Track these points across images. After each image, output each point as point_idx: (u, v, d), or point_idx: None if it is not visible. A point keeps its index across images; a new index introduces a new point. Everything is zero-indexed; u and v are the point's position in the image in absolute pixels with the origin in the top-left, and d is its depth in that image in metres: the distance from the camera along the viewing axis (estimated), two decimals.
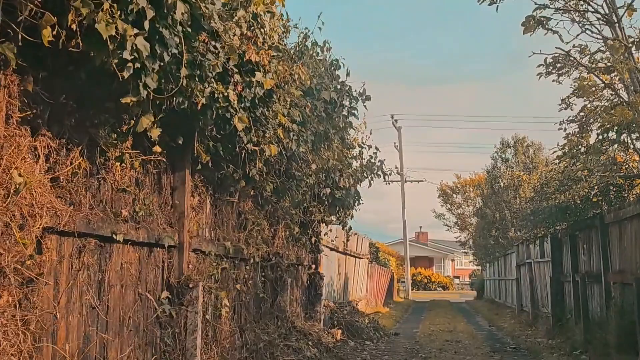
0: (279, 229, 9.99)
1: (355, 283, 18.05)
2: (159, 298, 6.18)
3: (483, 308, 29.23)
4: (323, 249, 13.67)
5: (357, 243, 17.80)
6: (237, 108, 5.54)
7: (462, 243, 42.13)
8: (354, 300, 17.20)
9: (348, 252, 16.21)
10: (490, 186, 27.76)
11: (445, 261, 75.37)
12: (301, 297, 12.36)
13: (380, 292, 26.24)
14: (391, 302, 31.04)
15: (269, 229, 9.78)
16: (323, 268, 13.80)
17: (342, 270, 15.81)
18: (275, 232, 10.00)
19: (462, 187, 42.04)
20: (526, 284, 20.31)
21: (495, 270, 31.71)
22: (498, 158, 27.68)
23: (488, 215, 26.98)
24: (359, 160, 11.70)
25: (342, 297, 15.95)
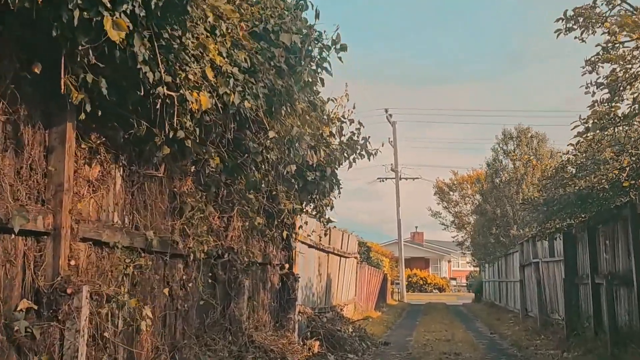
0: (234, 218, 7.92)
1: (341, 285, 15.99)
2: (12, 310, 4.11)
3: (482, 312, 27.19)
4: (298, 245, 11.62)
5: (343, 240, 15.76)
6: (109, 5, 3.46)
7: (459, 243, 40.09)
8: (339, 304, 15.15)
9: (331, 250, 14.15)
10: (490, 180, 25.73)
11: (441, 262, 73.36)
12: (270, 303, 10.30)
13: (371, 295, 24.19)
14: (384, 306, 28.98)
15: (220, 218, 7.72)
16: (299, 268, 11.74)
17: (323, 271, 13.75)
18: (229, 222, 7.93)
19: (459, 184, 40.05)
20: (532, 287, 18.28)
21: (495, 272, 29.68)
22: (499, 150, 25.69)
23: (488, 212, 24.96)
24: (338, 137, 9.63)
25: (324, 301, 13.89)
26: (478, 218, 27.50)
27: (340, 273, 15.77)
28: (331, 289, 14.62)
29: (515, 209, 24.00)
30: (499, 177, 25.53)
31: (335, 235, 14.78)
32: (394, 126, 46.26)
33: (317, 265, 13.23)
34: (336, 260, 15.15)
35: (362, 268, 21.89)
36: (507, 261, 25.45)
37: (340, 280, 15.88)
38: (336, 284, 15.29)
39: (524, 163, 24.59)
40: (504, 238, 24.60)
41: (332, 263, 14.72)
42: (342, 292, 16.18)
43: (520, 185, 24.07)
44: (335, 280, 15.18)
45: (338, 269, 15.39)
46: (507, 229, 24.36)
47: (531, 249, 17.88)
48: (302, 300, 12.10)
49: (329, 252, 14.10)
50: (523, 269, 20.35)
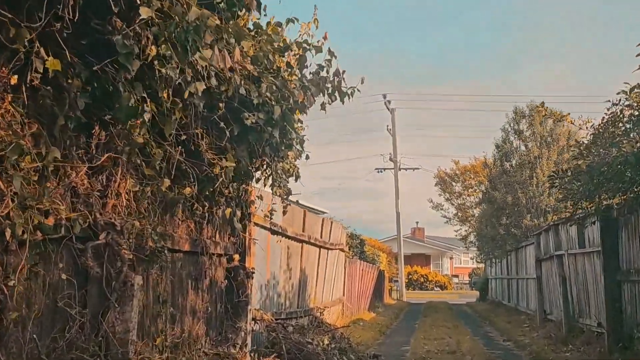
0: (116, 177, 4.97)
1: (321, 283, 13.03)
2: None
3: (489, 313, 24.23)
4: (255, 230, 8.68)
5: (325, 228, 12.80)
6: None
7: (462, 237, 37.12)
8: (318, 307, 12.20)
9: (306, 239, 11.19)
10: (499, 164, 22.74)
11: (443, 259, 70.53)
12: (207, 308, 7.35)
13: (364, 294, 21.24)
14: (380, 306, 26.02)
15: (91, 176, 4.78)
16: (255, 260, 8.78)
17: (295, 265, 10.79)
18: (109, 183, 4.98)
19: (461, 173, 37.07)
20: (553, 285, 15.32)
21: (503, 267, 26.70)
22: (510, 130, 22.72)
23: (497, 200, 21.97)
24: (298, 69, 6.65)
25: (296, 303, 10.92)
26: (485, 207, 24.49)
27: (321, 268, 12.81)
28: (307, 288, 11.66)
29: (529, 196, 21.01)
30: (509, 161, 22.54)
31: (312, 221, 11.82)
32: (392, 113, 43.34)
33: (286, 258, 10.27)
34: (314, 252, 12.19)
35: (353, 263, 18.94)
36: (518, 256, 22.49)
37: (321, 277, 12.93)
38: (314, 281, 12.33)
39: (538, 144, 21.60)
40: (515, 229, 21.61)
41: (309, 255, 11.76)
42: (323, 291, 13.22)
43: (534, 169, 21.09)
44: (313, 277, 12.22)
45: (317, 263, 12.44)
46: (518, 219, 21.38)
47: (552, 239, 14.90)
48: (261, 304, 9.15)
49: (303, 242, 11.14)
50: (540, 264, 17.38)
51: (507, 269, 25.64)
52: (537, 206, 20.98)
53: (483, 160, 35.94)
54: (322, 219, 12.61)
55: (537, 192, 20.86)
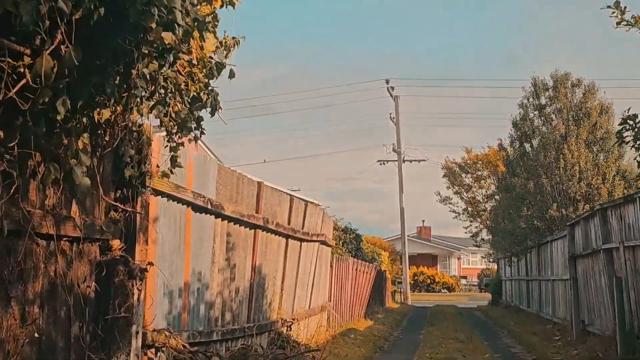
0: None
1: (291, 286, 9.65)
2: None
3: (507, 320, 20.80)
4: (156, 202, 5.39)
5: (295, 212, 9.42)
6: None
7: (473, 234, 33.66)
8: (284, 320, 8.84)
9: (261, 224, 7.81)
10: (518, 145, 19.30)
11: (450, 259, 67.09)
12: (33, 333, 4.06)
13: (358, 298, 17.86)
14: (379, 311, 22.63)
15: None
16: (158, 251, 5.49)
17: (241, 260, 7.42)
18: None
19: (472, 163, 33.63)
20: (597, 288, 11.92)
21: (521, 267, 23.27)
22: (529, 106, 19.28)
23: (516, 188, 18.55)
24: None
25: (244, 316, 7.55)
26: (502, 197, 21.02)
27: (291, 265, 9.45)
28: (265, 294, 8.30)
29: (555, 182, 17.58)
30: (529, 141, 19.10)
31: (273, 199, 8.46)
32: (396, 101, 39.99)
33: (223, 249, 6.91)
34: (277, 244, 8.80)
35: (344, 261, 15.57)
36: (541, 253, 19.08)
37: (290, 278, 9.56)
38: (279, 283, 8.96)
39: (564, 120, 18.17)
40: (538, 221, 18.19)
41: (268, 247, 8.38)
42: (295, 297, 9.85)
43: (560, 150, 17.67)
44: (276, 278, 8.85)
45: (284, 258, 9.08)
46: (543, 209, 17.96)
47: (597, 229, 11.50)
48: (171, 319, 5.81)
49: (257, 227, 7.77)
50: (575, 262, 13.98)
51: (527, 269, 22.21)
52: (564, 193, 17.55)
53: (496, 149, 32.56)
54: (290, 198, 9.25)
55: (564, 176, 17.43)
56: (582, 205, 17.23)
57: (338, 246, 18.89)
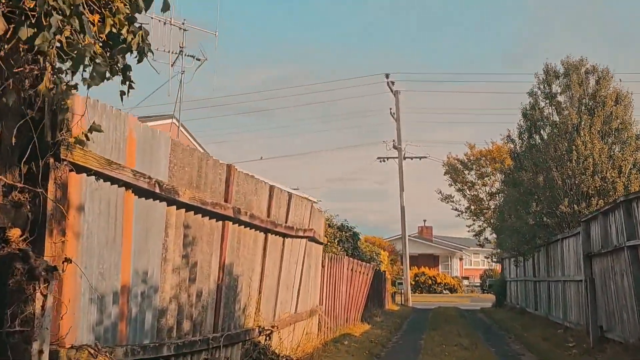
0: None
1: (273, 288, 8.39)
2: None
3: (513, 323, 19.53)
4: (84, 181, 4.12)
5: (276, 202, 8.15)
6: None
7: (476, 233, 32.43)
8: (262, 327, 7.60)
9: (232, 215, 6.54)
10: (527, 136, 18.03)
11: (452, 260, 65.85)
12: None
13: (355, 301, 16.60)
14: (378, 314, 21.38)
15: None
16: (84, 244, 4.23)
17: (205, 257, 6.18)
18: None
19: (475, 159, 32.37)
20: (617, 290, 10.66)
21: (528, 267, 22.02)
22: (540, 94, 18.03)
23: (525, 182, 17.28)
24: None
25: (209, 324, 6.31)
26: (509, 192, 19.75)
27: (271, 264, 8.19)
28: (238, 297, 7.04)
29: (567, 175, 16.32)
30: (539, 132, 17.84)
31: (247, 186, 7.20)
32: (396, 96, 38.68)
33: (180, 244, 5.67)
34: (254, 239, 7.54)
35: (337, 261, 14.31)
36: (550, 252, 17.83)
37: (272, 278, 8.30)
38: (256, 284, 7.71)
39: (577, 109, 16.90)
40: (548, 218, 16.92)
41: (242, 243, 7.12)
42: (277, 300, 8.60)
43: (573, 141, 16.41)
44: (253, 278, 7.60)
45: (263, 256, 7.83)
46: (552, 205, 16.69)
47: (618, 224, 10.25)
48: (104, 331, 4.56)
49: (225, 219, 6.52)
50: (590, 261, 12.73)
51: (534, 269, 20.95)
52: (577, 188, 16.29)
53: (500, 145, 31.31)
54: (270, 187, 7.99)
55: (577, 170, 16.17)
56: (595, 200, 15.97)
57: (333, 244, 17.65)
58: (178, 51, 14.87)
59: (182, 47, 14.84)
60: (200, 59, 15.34)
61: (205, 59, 15.37)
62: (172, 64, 14.77)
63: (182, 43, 14.83)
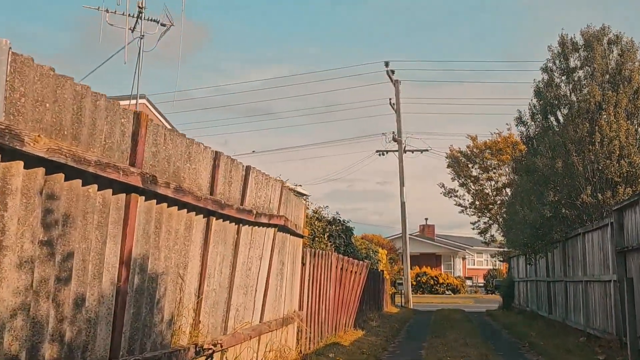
0: None
1: (223, 289, 6.29)
2: None
3: (524, 328, 17.40)
4: None
5: (227, 177, 6.04)
6: None
7: (481, 231, 30.33)
8: (200, 344, 5.53)
9: (148, 188, 4.46)
10: (542, 117, 15.91)
11: (455, 259, 63.81)
12: None
13: (346, 304, 14.47)
14: (374, 318, 19.28)
15: None
16: None
17: (99, 246, 4.14)
18: None
19: (479, 152, 30.25)
20: None
21: (540, 267, 19.89)
22: (555, 69, 15.90)
23: (539, 168, 15.17)
24: None
25: (111, 344, 4.26)
26: (521, 181, 17.60)
27: (217, 258, 6.08)
28: (160, 304, 4.96)
29: (589, 160, 14.20)
30: (554, 113, 15.72)
31: (175, 147, 5.10)
32: (396, 85, 36.56)
33: (34, 222, 3.60)
34: (187, 223, 5.43)
35: (323, 257, 12.18)
36: (568, 249, 15.71)
37: (220, 277, 6.20)
38: (195, 285, 5.61)
39: (600, 85, 14.78)
40: (567, 209, 14.79)
41: (164, 227, 5.02)
42: (229, 306, 6.47)
43: (595, 122, 14.31)
44: (188, 277, 5.49)
45: (204, 247, 5.72)
46: (572, 195, 14.58)
47: None
48: None
49: (131, 190, 4.42)
50: (624, 258, 10.63)
51: (547, 268, 18.84)
52: (600, 174, 14.18)
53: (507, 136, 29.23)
54: (216, 154, 5.87)
55: (601, 153, 14.07)
56: (622, 188, 13.87)
57: (322, 240, 15.57)
58: (136, 13, 12.80)
59: (141, 7, 12.77)
60: (165, 24, 13.28)
61: (171, 24, 13.31)
62: (131, 28, 12.71)
63: (141, 3, 12.76)
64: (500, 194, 29.61)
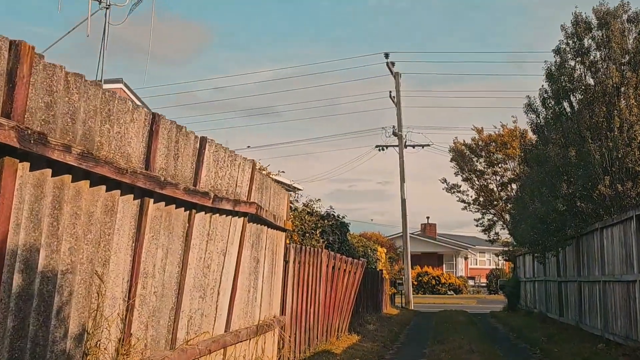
0: None
1: (169, 291, 5.01)
2: None
3: (533, 332, 16.05)
4: None
5: (170, 148, 4.73)
6: None
7: (485, 228, 28.97)
8: None
9: (30, 150, 3.21)
10: (554, 103, 14.54)
11: (457, 259, 62.49)
12: None
13: (339, 306, 13.10)
14: (372, 321, 17.93)
15: None
16: None
17: None
18: None
19: (485, 145, 28.88)
20: None
21: (550, 265, 18.53)
22: (569, 51, 14.54)
23: (551, 158, 13.82)
24: None
25: None
26: (531, 172, 16.22)
27: (159, 251, 4.80)
28: (63, 312, 3.68)
29: (606, 148, 12.84)
30: (567, 98, 14.36)
31: (85, 102, 3.73)
32: (397, 78, 35.23)
33: None
34: (105, 203, 4.14)
35: (312, 254, 10.83)
36: (582, 245, 14.36)
37: (164, 276, 4.90)
38: (121, 287, 4.33)
39: (618, 65, 13.42)
40: (582, 202, 13.43)
41: (68, 208, 3.73)
42: (179, 312, 5.16)
43: (614, 105, 12.97)
44: (110, 277, 4.20)
45: (134, 238, 4.40)
46: (588, 186, 13.22)
47: None
48: None
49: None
50: None
51: (558, 267, 17.49)
52: (620, 163, 12.83)
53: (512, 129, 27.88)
54: (153, 116, 4.54)
55: (620, 140, 12.71)
56: None
57: (314, 236, 14.23)
58: None
59: None
60: None
61: None
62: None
63: None
64: (506, 189, 28.23)
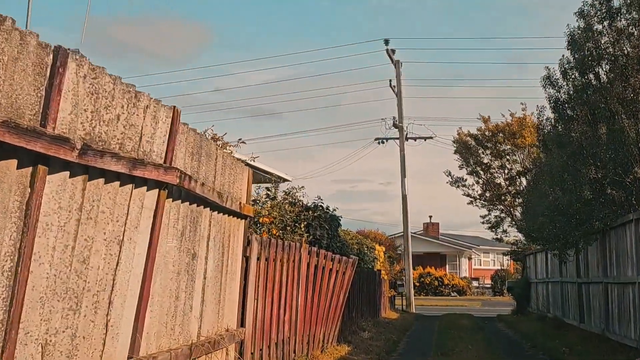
0: None
1: (12, 302, 2.97)
2: None
3: (549, 340, 13.99)
4: None
5: (30, 74, 2.77)
6: None
7: (492, 225, 26.90)
8: None
9: None
10: (579, 74, 12.46)
11: (460, 259, 60.44)
12: None
13: (324, 313, 11.03)
14: (367, 327, 15.86)
15: None
16: None
17: None
18: None
19: (492, 135, 26.80)
20: None
21: (568, 265, 16.43)
22: (595, 14, 12.46)
23: (575, 139, 11.76)
24: None
25: None
26: (549, 157, 14.10)
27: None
28: None
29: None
30: (593, 69, 12.30)
31: None
32: (397, 66, 33.19)
33: None
34: None
35: (287, 250, 8.78)
36: (609, 241, 12.28)
37: None
38: None
39: None
40: (613, 188, 11.35)
41: None
42: (10, 338, 3.12)
43: None
44: None
45: None
46: (620, 170, 11.15)
47: None
48: None
49: None
50: None
51: (578, 267, 15.41)
52: None
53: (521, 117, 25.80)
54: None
55: None
56: None
57: (297, 229, 12.18)
58: None
59: None
60: None
61: None
62: None
63: None
64: (514, 183, 26.17)
